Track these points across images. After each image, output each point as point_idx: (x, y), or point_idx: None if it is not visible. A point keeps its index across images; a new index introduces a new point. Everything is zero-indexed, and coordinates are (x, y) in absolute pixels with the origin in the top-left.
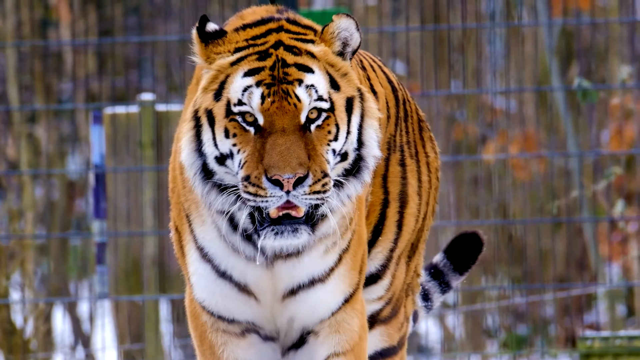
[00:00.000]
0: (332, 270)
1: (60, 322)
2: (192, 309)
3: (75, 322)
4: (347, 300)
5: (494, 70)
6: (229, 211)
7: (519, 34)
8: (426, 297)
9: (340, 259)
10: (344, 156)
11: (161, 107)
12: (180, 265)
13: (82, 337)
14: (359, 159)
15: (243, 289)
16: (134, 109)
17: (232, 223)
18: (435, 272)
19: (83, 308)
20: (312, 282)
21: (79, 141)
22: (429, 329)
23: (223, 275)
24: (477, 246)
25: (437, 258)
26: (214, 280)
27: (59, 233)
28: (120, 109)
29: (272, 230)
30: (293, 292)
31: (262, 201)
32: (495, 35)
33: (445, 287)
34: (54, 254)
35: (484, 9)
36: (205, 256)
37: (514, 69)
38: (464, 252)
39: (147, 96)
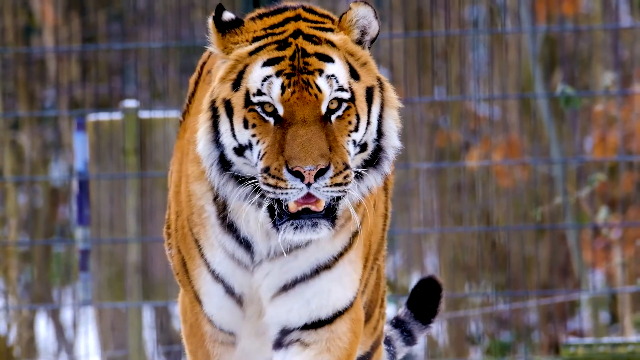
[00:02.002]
0: (341, 255)
1: (44, 329)
2: (193, 320)
3: (59, 329)
4: (353, 301)
5: (478, 77)
6: (232, 224)
7: (503, 41)
8: (388, 342)
9: (350, 243)
10: (363, 147)
11: (144, 114)
12: (179, 279)
13: (65, 344)
14: (379, 149)
15: (239, 301)
16: (117, 115)
17: (236, 234)
18: (397, 322)
19: (66, 315)
20: (317, 271)
21: (63, 148)
22: None
23: (229, 292)
24: (437, 291)
25: (400, 311)
26: (222, 298)
27: (42, 240)
28: (103, 116)
29: (292, 225)
30: (285, 288)
31: (282, 193)
32: (478, 42)
33: (409, 336)
34: (37, 260)
35: (468, 16)
36: (217, 277)
37: (497, 75)
38: (424, 299)
39: (130, 103)
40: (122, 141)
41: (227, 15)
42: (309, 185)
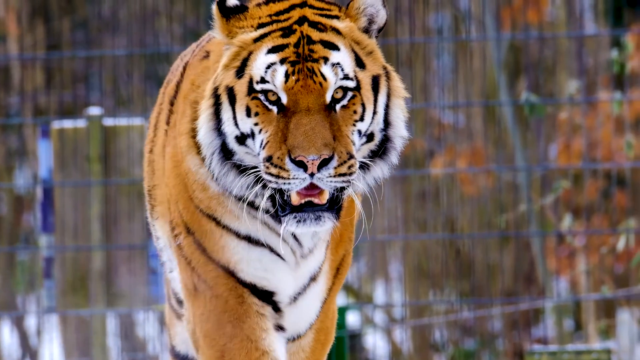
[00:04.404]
0: (321, 265)
1: (8, 336)
2: (229, 297)
3: (23, 336)
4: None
5: (442, 85)
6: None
7: (467, 49)
8: None
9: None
10: (370, 137)
11: (109, 122)
12: (195, 265)
13: (29, 352)
14: (386, 139)
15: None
16: (81, 123)
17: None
18: None
19: (30, 322)
20: (313, 279)
21: (27, 155)
22: (376, 343)
23: (279, 255)
24: None
25: None
26: (273, 261)
27: (6, 247)
28: (67, 123)
29: (295, 217)
30: (299, 294)
31: (285, 183)
32: (443, 50)
33: None
34: (1, 268)
35: (432, 23)
36: (257, 242)
37: (462, 83)
38: None
39: (94, 110)
40: (86, 148)
41: (232, 1)
42: (312, 175)
